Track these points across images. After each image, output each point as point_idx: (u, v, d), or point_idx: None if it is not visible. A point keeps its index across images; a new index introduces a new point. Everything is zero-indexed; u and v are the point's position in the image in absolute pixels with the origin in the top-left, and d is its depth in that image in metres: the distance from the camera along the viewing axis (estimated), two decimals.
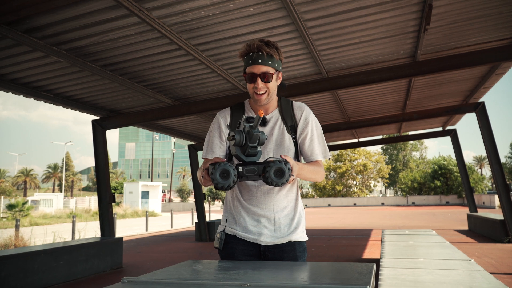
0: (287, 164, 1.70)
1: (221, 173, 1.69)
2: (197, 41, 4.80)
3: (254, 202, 1.98)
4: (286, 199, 2.01)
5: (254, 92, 1.93)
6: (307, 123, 2.02)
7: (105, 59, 5.16)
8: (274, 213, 1.97)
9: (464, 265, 3.53)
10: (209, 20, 4.32)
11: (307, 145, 2.02)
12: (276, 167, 1.69)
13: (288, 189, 2.02)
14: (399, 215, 22.70)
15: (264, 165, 1.73)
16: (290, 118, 2.03)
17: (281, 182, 1.69)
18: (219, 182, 1.68)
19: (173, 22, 4.29)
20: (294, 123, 2.02)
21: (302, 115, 2.03)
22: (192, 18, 4.24)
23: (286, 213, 1.99)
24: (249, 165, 1.75)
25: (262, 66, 1.90)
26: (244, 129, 1.73)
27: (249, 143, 1.75)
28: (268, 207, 1.97)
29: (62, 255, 6.06)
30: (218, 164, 1.69)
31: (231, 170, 1.69)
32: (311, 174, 1.95)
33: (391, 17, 4.59)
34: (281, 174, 1.70)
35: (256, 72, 1.91)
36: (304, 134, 2.02)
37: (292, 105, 2.07)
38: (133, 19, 4.18)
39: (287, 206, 2.01)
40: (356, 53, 5.58)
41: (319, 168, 2.01)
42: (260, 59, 1.90)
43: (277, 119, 2.03)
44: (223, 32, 4.61)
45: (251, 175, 1.75)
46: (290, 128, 2.02)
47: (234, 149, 1.76)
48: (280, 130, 2.01)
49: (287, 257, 1.94)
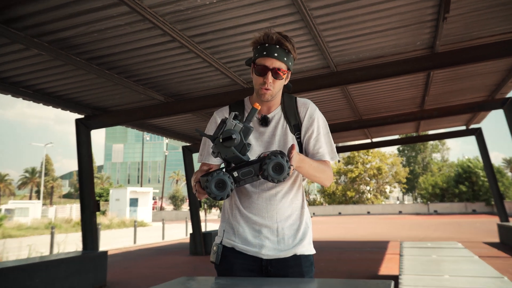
0: (283, 156, 1.71)
1: (216, 184, 1.70)
2: (192, 32, 4.86)
3: (254, 210, 1.98)
4: (290, 206, 2.01)
5: (260, 87, 1.96)
6: (312, 121, 2.04)
7: (91, 51, 5.23)
8: (277, 222, 1.97)
9: (496, 283, 3.46)
10: (206, 10, 4.38)
11: (312, 145, 2.03)
12: (273, 163, 1.70)
13: (293, 195, 2.02)
14: (419, 225, 22.63)
15: (259, 162, 1.74)
16: (293, 116, 2.05)
17: (283, 177, 1.70)
18: (217, 195, 1.70)
19: (167, 11, 4.36)
20: (298, 122, 2.04)
21: (307, 113, 2.05)
22: (187, 7, 4.30)
23: (290, 222, 1.99)
24: (243, 167, 1.75)
25: (277, 61, 1.93)
26: (235, 127, 1.73)
27: (245, 140, 1.76)
28: (271, 215, 1.97)
29: (38, 272, 5.93)
30: (210, 175, 1.70)
31: (226, 178, 1.70)
32: (316, 171, 1.94)
33: (406, 4, 4.64)
34: (280, 168, 1.70)
35: (269, 66, 1.93)
36: (309, 133, 2.03)
37: (296, 102, 2.09)
38: (122, 9, 4.25)
39: (291, 214, 2.00)
40: (368, 44, 5.63)
41: (326, 167, 2.00)
42: (276, 52, 1.93)
43: (279, 117, 2.05)
44: (221, 23, 4.67)
45: (249, 177, 1.76)
46: (293, 127, 2.03)
47: (226, 151, 1.75)
48: (283, 130, 2.02)
49: (292, 272, 1.93)
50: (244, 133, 1.76)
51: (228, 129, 1.73)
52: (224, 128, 1.73)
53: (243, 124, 1.76)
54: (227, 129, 1.73)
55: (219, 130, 1.74)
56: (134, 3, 4.14)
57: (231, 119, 1.74)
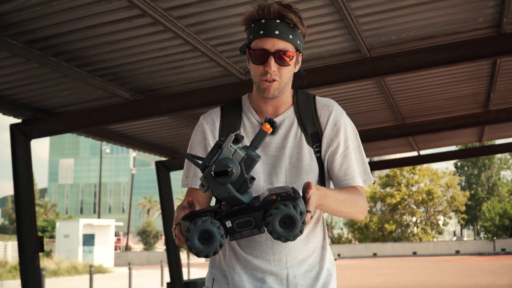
0: (297, 206, 1.65)
1: (200, 236, 1.68)
2: (169, 4, 4.86)
3: (256, 251, 1.98)
4: (306, 246, 2.01)
5: (261, 79, 1.96)
6: (338, 130, 2.04)
7: (31, 32, 5.23)
8: (287, 268, 1.97)
9: None
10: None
11: (338, 164, 2.04)
12: (281, 215, 1.65)
13: (310, 231, 2.02)
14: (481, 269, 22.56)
15: (262, 209, 1.70)
16: (311, 122, 2.05)
17: (293, 236, 1.66)
18: (200, 251, 1.68)
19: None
20: (317, 130, 2.05)
21: (330, 118, 2.05)
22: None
23: (306, 268, 1.99)
24: (239, 213, 1.72)
25: (280, 41, 1.93)
26: (235, 155, 1.71)
27: (247, 174, 1.73)
28: (278, 259, 1.97)
29: None
30: (194, 222, 1.67)
31: (215, 230, 1.67)
32: (344, 206, 1.93)
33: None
34: (291, 223, 1.66)
35: (270, 49, 1.93)
36: (334, 148, 2.04)
37: (315, 102, 2.09)
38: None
39: (307, 257, 2.01)
40: (412, 20, 5.63)
41: (357, 198, 2.00)
42: (277, 29, 1.92)
43: (291, 123, 2.05)
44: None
45: (246, 230, 1.72)
46: (311, 137, 2.04)
47: (219, 188, 1.72)
48: (297, 141, 2.03)
49: None
50: (246, 164, 1.73)
51: (225, 157, 1.70)
52: (219, 156, 1.71)
53: (246, 151, 1.73)
54: (223, 157, 1.70)
55: (211, 157, 1.72)
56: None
57: (230, 144, 1.71)
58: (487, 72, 7.87)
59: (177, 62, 6.36)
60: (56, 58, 5.92)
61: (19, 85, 6.68)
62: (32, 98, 7.18)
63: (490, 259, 31.43)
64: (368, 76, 6.44)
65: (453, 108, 9.77)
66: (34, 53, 5.64)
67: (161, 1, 4.80)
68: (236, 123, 2.06)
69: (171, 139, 10.56)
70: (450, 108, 9.76)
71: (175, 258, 11.69)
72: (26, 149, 7.68)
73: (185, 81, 6.99)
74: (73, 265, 30.03)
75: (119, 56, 6.04)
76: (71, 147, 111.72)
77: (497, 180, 61.89)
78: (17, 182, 7.64)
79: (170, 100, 7.21)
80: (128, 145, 10.46)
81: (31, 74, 6.36)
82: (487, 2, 5.33)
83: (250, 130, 2.06)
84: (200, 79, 6.95)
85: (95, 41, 5.58)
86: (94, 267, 26.64)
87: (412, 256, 41.25)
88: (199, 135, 2.08)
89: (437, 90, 8.65)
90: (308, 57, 6.38)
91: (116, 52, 5.93)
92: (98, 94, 7.18)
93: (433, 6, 5.33)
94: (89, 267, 20.45)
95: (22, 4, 4.67)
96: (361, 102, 8.88)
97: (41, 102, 7.34)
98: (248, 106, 2.10)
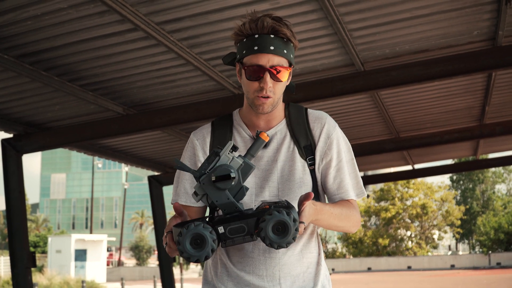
0: (290, 213, 1.68)
1: (192, 240, 1.69)
2: (162, 18, 4.86)
3: (248, 267, 1.97)
4: (300, 262, 2.00)
5: (256, 95, 1.95)
6: (331, 143, 2.04)
7: (22, 46, 5.22)
8: (280, 284, 1.96)
9: None
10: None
11: (331, 177, 2.04)
12: (274, 221, 1.68)
13: (304, 245, 2.01)
14: (477, 283, 22.56)
15: (256, 217, 1.72)
16: (304, 135, 2.05)
17: (285, 242, 1.69)
18: (191, 255, 1.69)
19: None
20: (310, 142, 2.04)
21: (323, 131, 2.05)
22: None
23: (300, 284, 1.98)
24: (233, 220, 1.73)
25: (274, 56, 1.92)
26: (232, 162, 1.74)
27: (243, 182, 1.76)
28: (271, 274, 1.95)
29: None
30: (186, 226, 1.69)
31: (207, 234, 1.69)
32: (338, 221, 1.94)
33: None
34: (284, 229, 1.68)
35: (265, 65, 1.92)
36: (327, 161, 2.04)
37: (307, 114, 2.09)
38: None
39: (302, 273, 1.99)
40: (406, 34, 5.65)
41: (351, 211, 2.01)
42: (272, 45, 1.92)
43: (283, 136, 2.05)
44: (202, 4, 4.67)
45: (239, 237, 1.74)
46: (304, 149, 2.04)
47: (217, 195, 1.75)
48: (290, 154, 2.03)
49: None
50: (243, 172, 1.76)
51: (224, 164, 1.73)
52: (217, 163, 1.74)
53: (243, 159, 1.76)
54: (222, 164, 1.73)
55: (208, 165, 1.74)
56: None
57: (228, 151, 1.75)
58: (482, 85, 7.89)
59: (169, 76, 6.35)
60: (48, 73, 5.91)
61: (10, 99, 6.66)
62: (23, 113, 7.15)
63: (485, 273, 31.41)
64: (362, 90, 6.44)
65: (447, 121, 9.78)
66: (26, 67, 5.62)
67: (154, 15, 4.80)
68: (227, 137, 2.06)
69: (164, 154, 10.54)
70: (445, 121, 9.77)
71: (168, 273, 11.63)
72: (18, 164, 7.65)
73: (177, 95, 6.98)
74: (66, 281, 29.84)
75: (111, 70, 6.03)
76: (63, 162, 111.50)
77: (491, 194, 62.02)
78: (9, 197, 7.61)
79: (162, 115, 7.19)
80: (120, 160, 10.42)
81: (23, 89, 6.34)
82: (482, 15, 5.34)
83: (242, 144, 2.05)
84: (193, 93, 6.94)
85: (87, 55, 5.57)
86: (86, 283, 26.55)
87: (407, 270, 41.16)
88: (189, 151, 2.08)
89: (432, 103, 8.66)
90: (301, 71, 6.38)
91: (108, 66, 5.92)
92: (90, 108, 7.15)
93: (427, 19, 5.35)
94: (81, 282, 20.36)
95: (13, 18, 4.67)
96: (355, 116, 8.88)
97: (33, 116, 7.31)
98: (239, 121, 2.09)
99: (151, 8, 4.68)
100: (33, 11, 4.56)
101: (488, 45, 5.97)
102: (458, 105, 8.87)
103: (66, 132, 7.61)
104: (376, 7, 5.00)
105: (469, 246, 62.33)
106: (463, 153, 14.10)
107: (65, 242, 36.56)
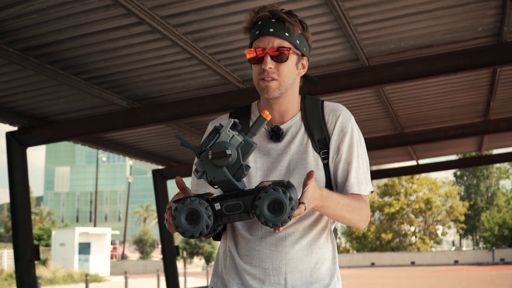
0: (287, 191, 1.67)
1: (187, 215, 1.70)
2: (167, 12, 4.86)
3: (255, 260, 1.95)
4: (308, 257, 1.97)
5: (259, 78, 1.95)
6: (345, 135, 2.02)
7: (27, 39, 5.22)
8: (285, 278, 1.94)
9: None
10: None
11: (341, 169, 2.02)
12: (270, 199, 1.67)
13: (313, 239, 1.98)
14: (481, 279, 22.54)
15: (253, 194, 1.72)
16: (318, 128, 2.02)
17: (281, 221, 1.67)
18: (185, 230, 1.70)
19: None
20: (325, 136, 2.02)
21: (338, 123, 2.03)
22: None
23: (307, 280, 1.95)
24: (230, 197, 1.74)
25: (275, 38, 1.94)
26: (232, 140, 1.73)
27: (243, 160, 1.75)
28: (277, 267, 1.94)
29: None
30: (182, 201, 1.70)
31: (202, 210, 1.69)
32: (346, 212, 1.91)
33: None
34: (280, 207, 1.67)
35: (265, 47, 1.94)
36: (339, 153, 2.02)
37: (323, 107, 2.07)
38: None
39: (309, 268, 1.96)
40: (411, 29, 5.64)
41: (361, 205, 1.99)
42: (272, 27, 1.94)
43: (298, 129, 2.03)
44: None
45: (235, 214, 1.74)
46: (318, 143, 2.01)
47: (214, 171, 1.74)
48: (303, 147, 2.00)
49: None
50: (243, 150, 1.75)
51: (222, 141, 1.72)
52: (217, 140, 1.73)
53: (243, 137, 1.75)
54: (221, 141, 1.72)
55: (209, 141, 1.74)
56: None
57: (228, 129, 1.74)
58: (487, 81, 7.88)
59: (174, 70, 6.35)
60: (53, 66, 5.91)
61: (15, 92, 6.68)
62: (28, 106, 7.17)
63: (489, 269, 31.41)
64: (367, 85, 6.44)
65: (452, 117, 9.77)
66: (30, 60, 5.63)
67: (159, 9, 4.80)
68: (244, 129, 2.05)
69: (168, 148, 10.55)
70: (450, 117, 9.76)
71: (172, 267, 11.64)
72: (22, 157, 7.67)
73: (182, 89, 6.98)
74: (69, 274, 29.94)
75: (116, 64, 6.03)
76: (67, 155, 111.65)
77: (495, 189, 61.93)
78: (13, 190, 7.63)
79: (167, 109, 7.20)
80: (124, 154, 10.43)
81: (27, 82, 6.35)
82: (487, 11, 5.33)
83: (258, 136, 2.05)
84: (198, 88, 6.94)
85: (92, 49, 5.57)
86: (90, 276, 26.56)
87: (411, 266, 41.19)
88: None
89: (436, 99, 8.65)
90: (309, 66, 6.37)
91: (113, 60, 5.93)
92: (94, 102, 7.17)
93: (433, 15, 5.34)
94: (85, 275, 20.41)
95: (18, 12, 4.67)
96: (359, 111, 8.88)
97: (37, 110, 7.33)
98: (256, 113, 2.10)
99: (156, 2, 4.69)
100: (38, 4, 4.57)
101: (493, 41, 5.96)
102: (462, 101, 8.86)
103: (71, 125, 7.62)
104: (381, 2, 5.00)
105: (473, 242, 62.29)
106: (468, 148, 14.09)
107: (69, 235, 36.70)
